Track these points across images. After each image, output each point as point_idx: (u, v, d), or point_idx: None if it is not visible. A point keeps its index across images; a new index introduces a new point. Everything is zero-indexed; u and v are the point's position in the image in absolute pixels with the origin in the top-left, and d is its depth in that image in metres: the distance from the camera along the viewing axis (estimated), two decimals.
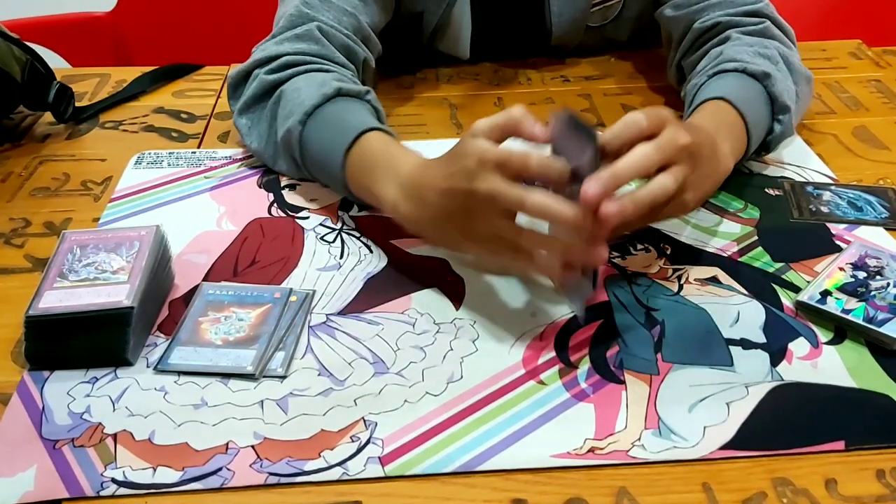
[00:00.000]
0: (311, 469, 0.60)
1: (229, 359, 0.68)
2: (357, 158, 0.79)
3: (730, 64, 0.87)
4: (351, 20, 0.95)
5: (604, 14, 1.13)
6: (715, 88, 0.85)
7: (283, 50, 0.90)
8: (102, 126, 1.04)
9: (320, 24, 0.92)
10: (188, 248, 0.81)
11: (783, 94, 0.87)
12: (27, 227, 0.85)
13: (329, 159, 0.81)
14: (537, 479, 0.59)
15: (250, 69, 0.91)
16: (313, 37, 0.91)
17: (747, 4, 0.97)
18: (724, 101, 0.82)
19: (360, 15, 0.96)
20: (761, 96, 0.86)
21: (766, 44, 0.92)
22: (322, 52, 0.91)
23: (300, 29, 0.92)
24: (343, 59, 0.92)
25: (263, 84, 0.89)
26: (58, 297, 0.67)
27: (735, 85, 0.86)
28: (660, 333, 0.71)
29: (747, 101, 0.83)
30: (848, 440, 0.61)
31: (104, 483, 0.59)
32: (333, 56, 0.91)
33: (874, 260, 0.77)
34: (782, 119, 0.88)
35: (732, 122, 0.82)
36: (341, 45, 0.93)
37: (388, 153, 0.78)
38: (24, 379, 0.67)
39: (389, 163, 0.77)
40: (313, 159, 0.84)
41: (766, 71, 0.86)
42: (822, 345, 0.70)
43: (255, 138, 0.91)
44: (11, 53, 0.97)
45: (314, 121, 0.83)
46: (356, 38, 0.95)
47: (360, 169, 0.79)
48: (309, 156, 0.84)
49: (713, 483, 0.58)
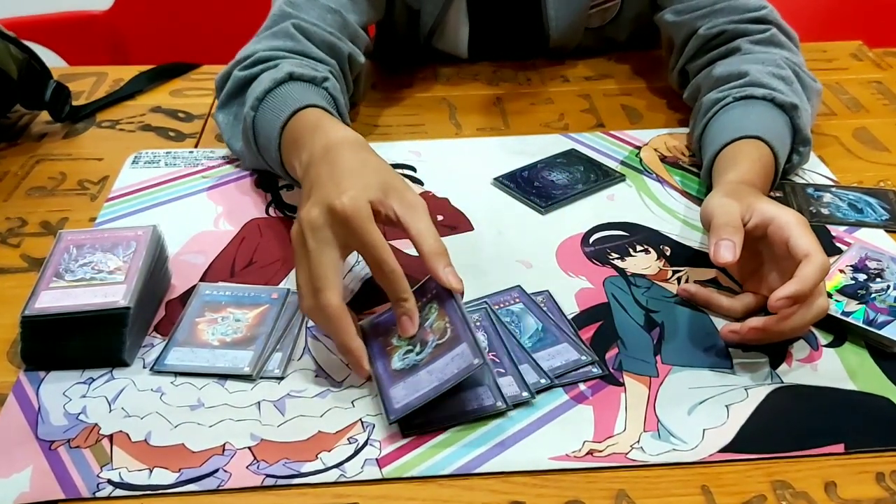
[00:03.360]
0: (308, 471, 0.59)
1: (226, 360, 0.67)
2: (288, 138, 0.78)
3: (758, 90, 0.87)
4: (335, 17, 0.95)
5: (602, 16, 1.13)
6: (747, 120, 0.85)
7: (258, 48, 0.90)
8: (99, 125, 1.04)
9: (298, 22, 0.92)
10: (185, 249, 0.81)
11: (806, 126, 0.87)
12: (23, 227, 0.85)
13: (269, 140, 0.81)
14: (535, 481, 0.59)
15: (231, 69, 0.91)
16: (288, 33, 0.91)
17: (752, 11, 0.97)
18: (762, 143, 0.82)
19: (347, 13, 0.96)
20: (787, 128, 0.86)
21: (779, 60, 0.91)
22: (297, 48, 0.91)
23: (277, 27, 0.92)
24: (320, 55, 0.91)
25: (236, 81, 0.89)
26: (54, 297, 0.67)
27: (767, 119, 0.85)
28: (659, 335, 0.70)
29: (779, 141, 0.84)
30: (847, 443, 0.61)
31: (100, 484, 0.58)
32: (309, 51, 0.91)
33: (874, 262, 0.76)
34: (802, 151, 0.88)
35: (770, 170, 0.82)
36: (321, 42, 0.92)
37: (317, 123, 0.76)
38: (20, 379, 0.67)
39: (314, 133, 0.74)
40: (261, 144, 0.84)
41: (793, 103, 0.86)
42: (821, 347, 0.69)
43: (232, 135, 0.91)
44: (8, 52, 0.97)
45: (263, 106, 0.83)
46: (341, 35, 0.94)
47: (288, 149, 0.78)
48: (258, 141, 0.84)
49: (712, 486, 0.58)
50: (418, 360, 0.63)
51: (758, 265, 0.72)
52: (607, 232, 0.83)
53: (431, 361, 0.62)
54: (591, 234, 0.83)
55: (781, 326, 0.66)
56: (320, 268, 0.63)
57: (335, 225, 0.64)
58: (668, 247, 0.81)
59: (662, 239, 0.82)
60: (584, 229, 0.83)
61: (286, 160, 0.79)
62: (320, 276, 0.63)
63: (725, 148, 0.83)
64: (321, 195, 0.65)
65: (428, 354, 0.63)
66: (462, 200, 0.88)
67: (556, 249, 0.81)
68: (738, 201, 0.71)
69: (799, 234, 0.67)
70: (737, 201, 0.71)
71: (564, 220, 0.85)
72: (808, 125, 0.88)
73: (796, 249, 0.66)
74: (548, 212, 0.86)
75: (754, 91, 0.87)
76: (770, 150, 0.82)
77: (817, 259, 0.65)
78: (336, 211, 0.63)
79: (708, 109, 0.89)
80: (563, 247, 0.81)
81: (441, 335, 0.63)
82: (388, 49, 1.20)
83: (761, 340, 0.68)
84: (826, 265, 0.65)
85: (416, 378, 0.62)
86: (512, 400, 0.63)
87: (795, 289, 0.63)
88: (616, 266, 0.78)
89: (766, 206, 0.70)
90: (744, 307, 0.71)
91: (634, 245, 0.81)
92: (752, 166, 0.79)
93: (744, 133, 0.83)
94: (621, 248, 0.81)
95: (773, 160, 0.82)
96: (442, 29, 1.12)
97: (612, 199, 0.88)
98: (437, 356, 0.62)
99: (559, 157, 0.94)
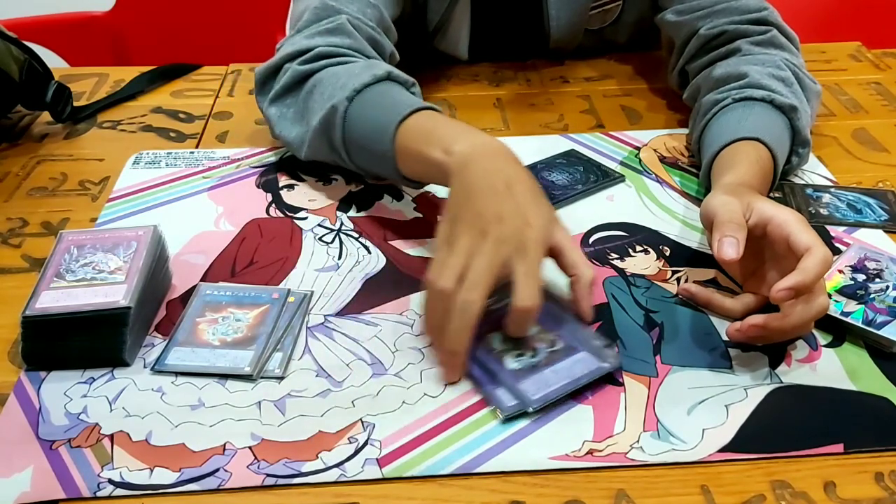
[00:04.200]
0: (308, 470, 0.59)
1: (227, 359, 0.68)
2: (410, 130, 0.77)
3: (757, 92, 0.87)
4: (375, 12, 0.95)
5: (602, 17, 1.13)
6: (746, 122, 0.85)
7: (316, 43, 0.89)
8: (100, 126, 1.04)
9: (350, 18, 0.91)
10: (186, 249, 0.81)
11: (805, 128, 0.87)
12: (24, 227, 0.85)
13: (378, 133, 0.79)
14: (535, 480, 0.59)
15: (280, 63, 0.90)
16: (345, 30, 0.90)
17: (752, 12, 0.97)
18: (761, 145, 0.82)
19: (383, 7, 0.96)
20: (786, 130, 0.86)
21: (778, 62, 0.92)
22: (355, 45, 0.90)
23: (330, 23, 0.91)
24: (373, 53, 0.91)
25: (296, 74, 0.88)
26: (55, 297, 0.67)
27: (766, 121, 0.85)
28: (659, 335, 0.71)
29: (778, 142, 0.84)
30: (847, 443, 0.61)
31: (101, 484, 0.58)
32: (365, 49, 0.91)
33: (873, 262, 0.76)
34: (801, 152, 0.88)
35: (768, 172, 0.82)
36: (369, 38, 0.92)
37: (450, 123, 0.76)
38: (21, 379, 0.67)
39: (456, 128, 0.74)
40: (357, 135, 0.81)
41: (792, 104, 0.86)
42: (821, 347, 0.69)
43: (285, 126, 0.89)
44: (9, 53, 0.97)
45: (362, 98, 0.81)
46: (380, 31, 0.94)
47: (414, 137, 0.76)
48: (352, 130, 0.82)
49: (712, 485, 0.58)
50: (535, 362, 0.66)
51: (758, 265, 0.72)
52: (607, 232, 0.83)
53: (550, 364, 0.66)
54: (591, 234, 0.83)
55: (783, 323, 0.66)
56: (491, 269, 0.64)
57: (512, 249, 0.64)
58: (667, 247, 0.81)
59: (662, 239, 0.82)
60: (583, 230, 0.83)
61: (407, 152, 0.76)
62: (485, 274, 0.63)
63: (724, 150, 0.83)
64: (516, 211, 0.66)
65: (544, 359, 0.66)
66: None
67: None
68: (738, 200, 0.71)
69: (799, 230, 0.67)
70: (737, 200, 0.71)
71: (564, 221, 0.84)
72: (807, 127, 0.88)
73: (797, 244, 0.66)
74: None
75: (753, 92, 0.87)
76: (769, 152, 0.82)
77: (819, 252, 0.65)
78: (524, 237, 0.65)
79: (707, 111, 0.90)
80: None
81: (550, 344, 0.67)
82: None
83: (763, 338, 0.68)
84: (828, 258, 0.65)
85: (541, 376, 0.65)
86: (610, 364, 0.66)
87: (798, 280, 0.63)
88: (615, 266, 0.78)
89: (765, 205, 0.70)
90: (744, 307, 0.71)
91: (634, 245, 0.81)
92: (751, 168, 0.79)
93: (742, 135, 0.83)
94: (621, 249, 0.81)
95: (771, 162, 0.82)
96: (445, 29, 1.12)
97: (612, 200, 0.88)
98: (554, 360, 0.66)
99: (559, 157, 0.95)
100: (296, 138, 0.88)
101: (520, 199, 0.67)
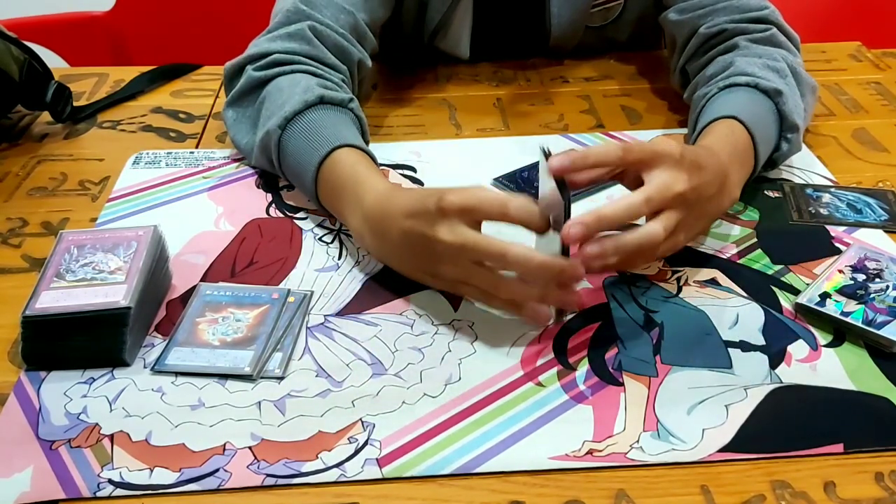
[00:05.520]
0: (308, 470, 0.59)
1: (227, 360, 0.68)
2: (327, 176, 0.80)
3: (741, 78, 0.87)
4: (348, 18, 0.95)
5: (604, 15, 1.13)
6: (726, 105, 0.85)
7: (274, 48, 0.91)
8: (100, 126, 1.04)
9: (313, 24, 0.92)
10: (186, 249, 0.81)
11: (793, 112, 0.87)
12: (24, 227, 0.85)
13: (303, 171, 0.82)
14: (535, 480, 0.59)
15: (243, 63, 0.92)
16: (305, 37, 0.92)
17: (753, 10, 0.97)
18: (736, 121, 0.82)
19: (359, 12, 0.97)
20: (771, 114, 0.86)
21: (775, 55, 0.91)
22: (312, 52, 0.91)
23: (293, 27, 0.92)
24: (334, 61, 0.92)
25: (251, 80, 0.90)
26: (55, 297, 0.67)
27: (746, 102, 0.85)
28: (658, 335, 0.71)
29: (758, 121, 0.83)
30: (847, 443, 0.61)
31: (101, 484, 0.58)
32: (324, 57, 0.92)
33: (873, 262, 0.76)
34: (790, 137, 0.88)
35: (744, 147, 0.81)
36: (334, 46, 0.93)
37: (355, 176, 0.78)
38: (21, 379, 0.67)
39: (354, 188, 0.77)
40: (289, 167, 0.85)
41: (777, 88, 0.86)
42: (821, 347, 0.69)
43: (238, 132, 0.92)
44: (9, 53, 0.97)
45: (293, 127, 0.83)
46: (351, 38, 0.95)
47: (329, 189, 0.80)
48: (285, 162, 0.85)
49: (712, 485, 0.58)
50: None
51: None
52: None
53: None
54: None
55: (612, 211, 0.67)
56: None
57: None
58: None
59: None
60: None
61: (324, 200, 0.81)
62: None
63: (700, 133, 0.83)
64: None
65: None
66: None
67: None
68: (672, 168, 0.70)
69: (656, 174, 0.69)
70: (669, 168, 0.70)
71: None
72: (794, 112, 0.87)
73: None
74: None
75: (737, 79, 0.87)
76: (744, 129, 0.81)
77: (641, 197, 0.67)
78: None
79: (696, 106, 0.90)
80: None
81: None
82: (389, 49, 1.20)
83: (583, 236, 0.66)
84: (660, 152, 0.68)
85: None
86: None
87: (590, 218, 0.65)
88: None
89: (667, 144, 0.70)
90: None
91: None
92: (719, 140, 0.79)
93: (718, 115, 0.83)
94: None
95: (748, 139, 0.81)
96: (446, 28, 1.12)
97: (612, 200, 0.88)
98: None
99: None
100: (246, 146, 0.91)
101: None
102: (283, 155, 0.84)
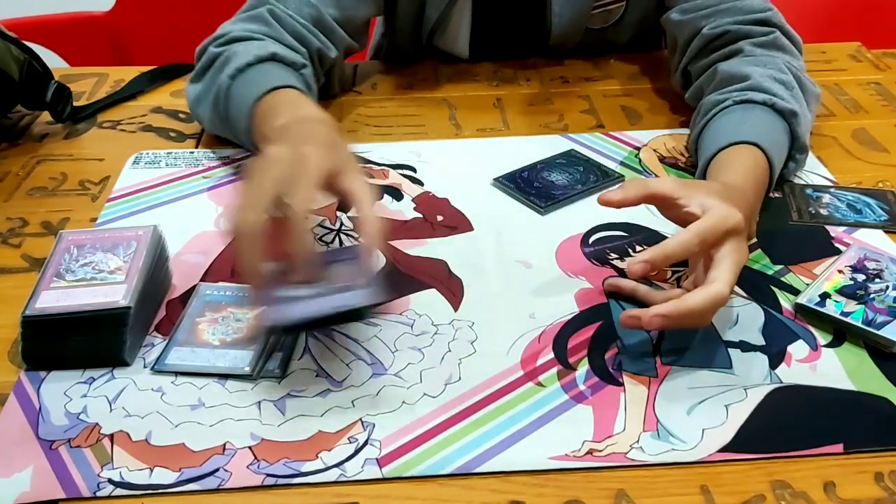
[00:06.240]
0: (308, 470, 0.59)
1: (227, 359, 0.68)
2: (264, 107, 0.81)
3: (758, 95, 0.87)
4: (311, 11, 0.98)
5: (605, 17, 1.13)
6: (745, 125, 0.84)
7: (233, 28, 0.95)
8: (100, 126, 1.04)
9: (272, 8, 0.96)
10: (186, 249, 0.81)
11: (805, 133, 0.87)
12: (24, 227, 0.85)
13: (240, 109, 0.84)
14: (535, 480, 0.59)
15: (206, 45, 0.95)
16: (263, 18, 0.95)
17: (756, 12, 0.97)
18: (758, 150, 0.81)
19: (326, 7, 0.99)
20: (785, 135, 0.86)
21: (780, 64, 0.91)
22: (270, 33, 0.94)
23: (254, 11, 0.96)
24: (292, 42, 0.95)
25: (210, 55, 0.93)
26: (55, 297, 0.67)
27: (765, 125, 0.85)
28: (659, 335, 0.71)
29: (775, 146, 0.83)
30: (847, 443, 0.61)
31: (101, 484, 0.58)
32: (282, 38, 0.94)
33: (873, 262, 0.76)
34: (799, 158, 0.88)
35: (763, 178, 0.81)
36: (293, 31, 0.96)
37: (298, 101, 0.80)
38: (21, 379, 0.67)
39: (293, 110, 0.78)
40: (231, 112, 0.87)
41: (793, 109, 0.86)
42: (820, 347, 0.69)
43: (196, 102, 0.94)
44: (9, 53, 0.97)
45: (243, 77, 0.86)
46: (313, 28, 0.97)
47: (265, 110, 0.81)
48: (230, 109, 0.87)
49: (711, 485, 0.58)
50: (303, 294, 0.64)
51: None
52: (607, 232, 0.83)
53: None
54: (591, 234, 0.83)
55: (679, 307, 0.64)
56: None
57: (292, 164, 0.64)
58: None
59: (661, 239, 0.82)
60: (583, 230, 0.83)
61: (255, 127, 0.82)
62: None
63: (721, 152, 0.82)
64: (290, 143, 0.67)
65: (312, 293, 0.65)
66: (462, 201, 0.88)
67: (556, 250, 0.81)
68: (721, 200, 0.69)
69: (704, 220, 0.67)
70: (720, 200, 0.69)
71: (564, 221, 0.85)
72: (806, 133, 0.88)
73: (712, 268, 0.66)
74: (547, 212, 0.86)
75: (754, 95, 0.87)
76: (765, 158, 0.81)
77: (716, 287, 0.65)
78: (298, 154, 0.64)
79: (707, 111, 0.89)
80: (562, 247, 0.81)
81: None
82: (389, 49, 1.20)
83: (663, 326, 0.67)
84: (721, 294, 0.65)
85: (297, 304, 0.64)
86: None
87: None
88: (616, 266, 0.78)
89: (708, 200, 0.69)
90: (664, 297, 0.70)
91: (634, 245, 0.81)
92: (746, 174, 0.79)
93: (740, 139, 0.82)
94: (621, 249, 0.81)
95: (767, 168, 0.82)
96: (444, 26, 1.12)
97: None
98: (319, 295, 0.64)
99: (559, 157, 0.95)
100: (203, 113, 0.94)
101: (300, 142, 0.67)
102: (229, 102, 0.87)
